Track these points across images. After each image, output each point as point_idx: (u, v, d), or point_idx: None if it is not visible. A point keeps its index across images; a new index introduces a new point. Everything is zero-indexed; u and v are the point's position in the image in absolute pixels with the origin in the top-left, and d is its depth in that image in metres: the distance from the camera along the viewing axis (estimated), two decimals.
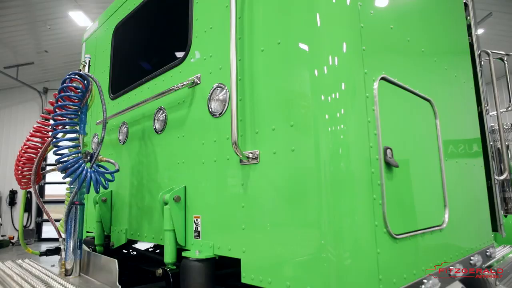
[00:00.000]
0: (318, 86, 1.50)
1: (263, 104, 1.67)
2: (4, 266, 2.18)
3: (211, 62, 2.01)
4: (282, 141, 1.56)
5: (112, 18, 3.19)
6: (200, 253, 1.86)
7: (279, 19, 1.67)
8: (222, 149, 1.86)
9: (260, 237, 1.61)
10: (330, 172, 1.42)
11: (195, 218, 1.98)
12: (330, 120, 1.45)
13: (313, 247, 1.42)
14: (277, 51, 1.64)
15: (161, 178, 2.31)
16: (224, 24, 1.95)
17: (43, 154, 2.25)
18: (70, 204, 2.13)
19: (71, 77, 2.16)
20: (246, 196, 1.69)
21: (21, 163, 2.22)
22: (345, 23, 1.56)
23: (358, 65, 1.54)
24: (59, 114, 2.05)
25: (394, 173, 1.62)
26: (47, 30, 10.97)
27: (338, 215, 1.41)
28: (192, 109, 2.10)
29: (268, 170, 1.61)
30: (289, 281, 1.47)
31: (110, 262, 1.96)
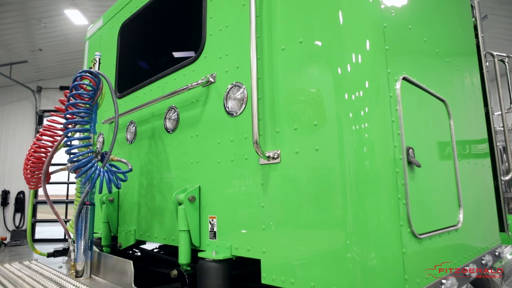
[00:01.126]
0: (342, 84, 1.49)
1: (284, 104, 1.66)
2: (13, 268, 2.13)
3: (227, 61, 1.99)
4: (305, 140, 1.55)
5: (118, 16, 3.15)
6: (216, 254, 1.84)
7: (300, 18, 1.66)
8: (240, 149, 1.84)
9: (282, 237, 1.60)
10: (355, 171, 1.41)
11: (211, 219, 1.96)
12: (354, 119, 1.45)
13: (338, 247, 1.41)
14: (299, 50, 1.63)
15: (173, 178, 2.28)
16: (241, 23, 1.94)
17: (54, 153, 2.20)
18: (81, 204, 2.09)
19: (82, 75, 2.12)
20: (266, 196, 1.68)
21: (30, 162, 2.18)
22: (368, 21, 1.56)
23: (382, 64, 1.54)
24: (71, 113, 2.01)
25: (415, 173, 1.62)
26: (42, 28, 10.82)
27: (364, 215, 1.40)
28: (206, 108, 2.08)
29: (290, 170, 1.60)
30: (313, 281, 1.46)
31: (125, 263, 1.93)
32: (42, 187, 2.20)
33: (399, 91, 1.57)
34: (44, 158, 2.22)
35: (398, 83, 1.59)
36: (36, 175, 2.23)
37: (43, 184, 2.16)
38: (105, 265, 2.15)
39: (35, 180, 2.25)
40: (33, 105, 13.88)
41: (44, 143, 2.20)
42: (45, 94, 13.96)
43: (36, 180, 2.26)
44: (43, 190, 2.21)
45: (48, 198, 2.21)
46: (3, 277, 1.90)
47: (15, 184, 13.30)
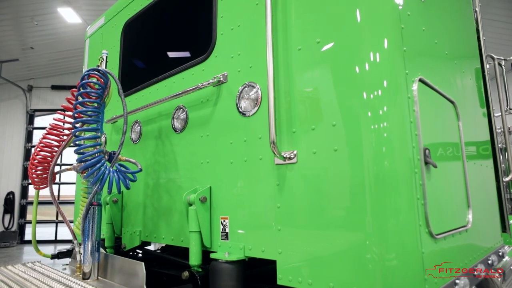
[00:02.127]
0: (360, 83, 1.49)
1: (301, 104, 1.65)
2: (17, 270, 2.07)
3: (239, 60, 1.97)
4: (323, 140, 1.55)
5: (122, 14, 3.11)
6: (229, 255, 1.82)
7: (316, 18, 1.66)
8: (253, 149, 1.83)
9: (299, 238, 1.59)
10: (374, 171, 1.42)
11: (222, 219, 1.94)
12: (372, 118, 1.45)
13: (358, 248, 1.41)
14: (316, 50, 1.63)
15: (181, 178, 2.26)
16: (254, 22, 1.92)
17: (61, 153, 2.16)
18: (88, 205, 2.05)
19: (90, 73, 2.09)
20: (282, 197, 1.67)
21: (36, 161, 2.13)
22: (385, 20, 1.56)
23: (400, 64, 1.54)
24: (80, 112, 1.98)
25: (431, 173, 1.63)
26: (34, 26, 10.65)
27: (383, 216, 1.40)
28: (217, 107, 2.06)
29: (307, 170, 1.59)
30: (332, 282, 1.45)
31: (136, 265, 1.89)
32: (49, 187, 2.15)
33: (416, 92, 1.58)
34: (50, 158, 2.17)
35: (415, 84, 1.59)
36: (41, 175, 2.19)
37: (49, 184, 2.12)
38: (112, 267, 2.11)
39: (40, 180, 2.20)
40: (23, 104, 13.63)
41: (50, 142, 2.15)
42: (36, 93, 13.72)
43: (40, 180, 2.22)
44: (50, 190, 2.16)
45: (54, 199, 2.17)
46: (10, 280, 1.85)
47: (4, 185, 13.05)
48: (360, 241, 1.41)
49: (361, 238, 1.41)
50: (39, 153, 2.14)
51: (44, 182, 2.23)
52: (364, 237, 1.40)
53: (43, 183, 2.24)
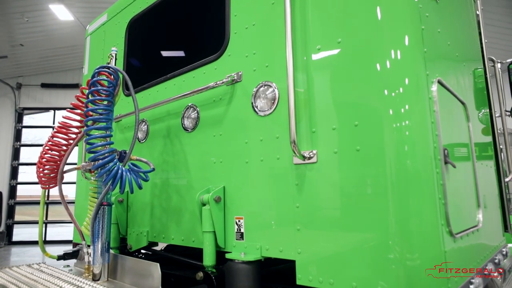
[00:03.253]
0: (381, 81, 1.50)
1: (321, 104, 1.65)
2: (24, 271, 2.02)
3: (254, 59, 1.96)
4: (345, 140, 1.55)
5: (126, 11, 3.06)
6: (245, 255, 1.81)
7: (336, 17, 1.66)
8: (270, 148, 1.82)
9: (319, 237, 1.59)
10: (397, 170, 1.42)
11: (237, 219, 1.93)
12: (394, 116, 1.45)
13: (380, 248, 1.41)
14: (337, 49, 1.62)
15: (192, 178, 2.23)
16: (270, 22, 1.92)
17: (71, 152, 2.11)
18: (98, 205, 2.01)
19: (100, 70, 2.05)
20: (302, 196, 1.66)
21: (45, 160, 2.08)
22: (406, 18, 1.57)
23: (421, 62, 1.55)
24: (92, 110, 1.94)
25: (449, 173, 1.64)
26: (24, 22, 10.42)
27: (406, 215, 1.41)
28: (231, 107, 2.05)
29: (328, 170, 1.59)
30: (355, 281, 1.45)
31: (150, 266, 1.86)
32: (58, 187, 2.10)
33: (435, 92, 1.59)
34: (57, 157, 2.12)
35: (434, 85, 1.61)
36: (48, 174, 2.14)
37: (59, 183, 2.07)
38: (122, 268, 2.08)
39: (48, 180, 2.15)
40: (12, 102, 13.33)
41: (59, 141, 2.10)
42: (25, 91, 13.43)
43: (47, 180, 2.17)
44: (59, 190, 2.11)
45: (63, 198, 2.12)
46: (20, 282, 1.80)
47: None
48: (383, 241, 1.41)
49: (383, 238, 1.41)
50: (48, 151, 2.09)
51: (52, 181, 2.18)
52: (387, 237, 1.40)
53: (51, 183, 2.19)
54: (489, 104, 2.95)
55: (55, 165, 2.14)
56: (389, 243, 1.40)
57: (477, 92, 2.66)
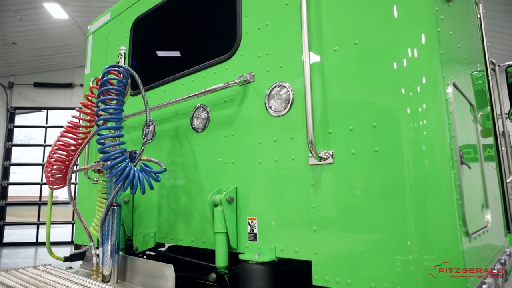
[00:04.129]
0: (398, 80, 1.51)
1: (337, 105, 1.66)
2: (32, 273, 1.98)
3: (268, 60, 1.96)
4: (363, 141, 1.55)
5: (131, 10, 3.04)
6: (259, 256, 1.80)
7: (353, 19, 1.66)
8: (285, 149, 1.81)
9: (336, 238, 1.59)
10: (415, 170, 1.43)
11: (250, 220, 1.92)
12: (412, 115, 1.46)
13: (399, 249, 1.42)
14: (354, 51, 1.63)
15: (202, 179, 2.22)
16: (284, 22, 1.92)
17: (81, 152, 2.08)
18: (108, 206, 1.99)
19: (110, 69, 2.03)
20: (318, 197, 1.66)
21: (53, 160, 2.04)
22: (423, 18, 1.58)
23: (437, 62, 1.55)
24: (103, 109, 1.92)
25: (464, 174, 1.66)
26: (18, 21, 10.27)
27: (425, 216, 1.42)
28: (243, 107, 2.04)
29: (345, 170, 1.59)
30: (374, 282, 1.46)
31: (163, 267, 1.85)
32: (67, 187, 2.07)
33: (451, 94, 1.61)
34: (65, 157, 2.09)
35: (450, 87, 1.62)
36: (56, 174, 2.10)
37: (68, 183, 2.04)
38: (132, 269, 2.05)
39: (56, 180, 2.12)
40: (4, 101, 13.11)
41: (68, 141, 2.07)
42: (17, 90, 13.22)
43: (55, 180, 2.13)
44: (68, 190, 2.08)
45: (71, 198, 2.09)
46: (30, 284, 1.77)
47: None
48: (402, 242, 1.42)
49: (402, 238, 1.42)
50: (57, 151, 2.06)
51: (60, 182, 2.14)
52: (405, 238, 1.41)
53: (59, 183, 2.16)
54: (491, 106, 3.00)
55: (63, 165, 2.11)
56: (407, 244, 1.41)
57: (477, 94, 2.70)
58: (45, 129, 13.22)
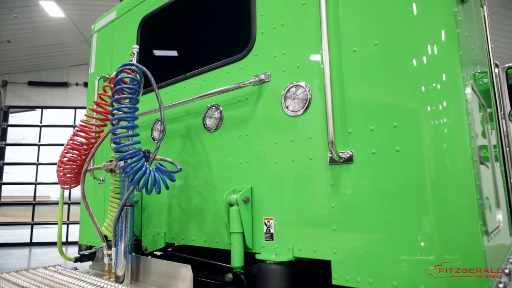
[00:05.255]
0: (418, 78, 1.51)
1: (357, 105, 1.66)
2: (44, 274, 1.95)
3: (284, 60, 1.96)
4: (383, 141, 1.56)
5: (138, 8, 3.02)
6: (277, 256, 1.80)
7: (372, 20, 1.67)
8: (302, 149, 1.81)
9: (356, 237, 1.59)
10: (436, 169, 1.44)
11: (266, 220, 1.92)
12: (432, 113, 1.47)
13: (421, 248, 1.43)
14: (374, 52, 1.64)
15: (215, 179, 2.21)
16: (301, 22, 1.92)
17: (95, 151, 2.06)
18: (122, 206, 1.97)
19: (125, 68, 2.01)
20: (337, 197, 1.67)
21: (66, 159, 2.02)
22: (443, 15, 1.59)
23: (457, 60, 1.56)
24: (118, 108, 1.90)
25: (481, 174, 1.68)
26: (13, 19, 10.15)
27: (447, 216, 1.43)
28: (258, 107, 2.04)
29: (365, 170, 1.60)
30: (396, 281, 1.47)
31: (180, 268, 1.83)
32: (81, 187, 2.04)
33: (470, 95, 1.62)
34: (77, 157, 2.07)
35: (469, 88, 1.64)
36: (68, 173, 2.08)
37: (82, 183, 2.02)
38: (147, 270, 2.04)
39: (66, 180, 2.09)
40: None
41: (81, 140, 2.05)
42: (11, 89, 13.06)
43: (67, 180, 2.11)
44: (81, 189, 2.05)
45: (84, 198, 2.06)
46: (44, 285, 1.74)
47: None
48: (424, 241, 1.42)
49: (424, 238, 1.43)
50: (69, 151, 2.03)
51: (71, 181, 2.12)
52: (427, 238, 1.42)
53: (70, 183, 2.13)
54: (496, 107, 3.04)
55: (75, 164, 2.09)
56: (429, 244, 1.42)
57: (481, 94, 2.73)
58: (40, 128, 13.08)
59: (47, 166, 12.92)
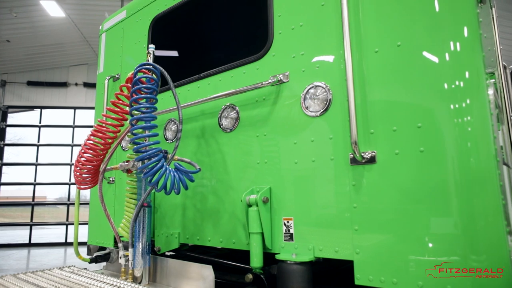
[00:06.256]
0: (441, 76, 1.52)
1: (379, 105, 1.67)
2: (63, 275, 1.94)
3: (303, 60, 1.96)
4: (407, 142, 1.56)
5: (149, 8, 3.01)
6: (297, 256, 1.80)
7: (394, 21, 1.68)
8: (323, 149, 1.82)
9: (379, 237, 1.59)
10: (460, 169, 1.45)
11: (286, 220, 1.92)
12: (455, 111, 1.48)
13: (446, 249, 1.43)
14: (396, 52, 1.64)
15: (231, 179, 2.20)
16: (320, 23, 1.92)
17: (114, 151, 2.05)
18: (140, 206, 1.96)
19: (142, 68, 2.00)
20: (360, 197, 1.67)
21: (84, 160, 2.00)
22: (464, 10, 1.60)
23: (479, 57, 1.57)
24: (137, 108, 1.89)
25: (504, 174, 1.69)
26: (13, 18, 10.09)
27: (471, 216, 1.43)
28: (277, 107, 2.04)
29: (389, 171, 1.60)
30: (421, 281, 1.47)
31: (201, 268, 1.83)
32: (99, 187, 2.03)
33: (492, 96, 1.63)
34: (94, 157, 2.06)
35: (491, 89, 1.65)
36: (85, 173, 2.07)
37: (100, 183, 2.00)
38: (164, 270, 2.03)
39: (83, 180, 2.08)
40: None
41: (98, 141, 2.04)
42: (10, 88, 12.97)
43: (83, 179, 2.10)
44: (99, 190, 2.04)
45: (102, 199, 2.05)
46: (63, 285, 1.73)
47: None
48: (449, 242, 1.43)
49: (450, 239, 1.43)
50: (87, 151, 2.02)
51: (88, 182, 2.11)
52: (452, 238, 1.42)
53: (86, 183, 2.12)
54: (505, 108, 3.05)
55: (92, 165, 2.08)
56: (454, 244, 1.42)
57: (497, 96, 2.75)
58: (39, 128, 13.01)
59: (45, 166, 12.86)
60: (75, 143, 12.93)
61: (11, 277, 1.89)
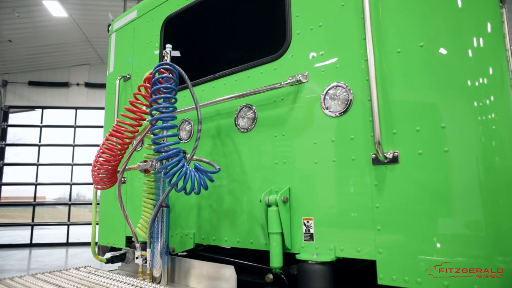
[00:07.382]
0: (464, 73, 1.52)
1: (401, 105, 1.67)
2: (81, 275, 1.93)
3: (322, 60, 1.96)
4: (431, 142, 1.57)
5: (161, 8, 3.01)
6: (318, 256, 1.80)
7: (417, 21, 1.68)
8: (344, 149, 1.82)
9: (403, 237, 1.60)
10: (485, 169, 1.45)
11: (306, 220, 1.92)
12: (479, 109, 1.48)
13: (473, 250, 1.43)
14: (419, 53, 1.65)
15: (249, 179, 2.20)
16: (340, 23, 1.92)
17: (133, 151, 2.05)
18: (158, 206, 1.96)
19: (161, 68, 2.00)
20: (382, 197, 1.67)
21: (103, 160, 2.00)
22: (487, 5, 1.60)
23: (503, 55, 1.58)
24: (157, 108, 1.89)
25: None
26: (15, 18, 10.06)
27: (497, 216, 1.44)
28: (296, 107, 2.04)
29: (412, 171, 1.61)
30: (447, 280, 1.47)
31: (223, 269, 1.83)
32: (117, 187, 2.03)
33: None
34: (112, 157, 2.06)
35: None
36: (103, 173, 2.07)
37: (118, 183, 2.00)
38: (183, 270, 2.03)
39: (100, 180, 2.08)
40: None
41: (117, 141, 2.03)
42: (11, 88, 12.94)
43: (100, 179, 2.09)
44: (118, 190, 2.04)
45: (120, 199, 2.05)
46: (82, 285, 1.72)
47: None
48: (476, 243, 1.43)
49: (476, 240, 1.43)
50: (106, 151, 2.02)
51: (105, 182, 2.11)
52: (479, 240, 1.43)
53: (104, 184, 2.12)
54: None
55: (110, 165, 2.07)
56: (480, 245, 1.42)
57: None
58: (40, 128, 12.98)
59: (46, 166, 12.84)
60: (77, 143, 12.91)
61: (30, 277, 1.89)
